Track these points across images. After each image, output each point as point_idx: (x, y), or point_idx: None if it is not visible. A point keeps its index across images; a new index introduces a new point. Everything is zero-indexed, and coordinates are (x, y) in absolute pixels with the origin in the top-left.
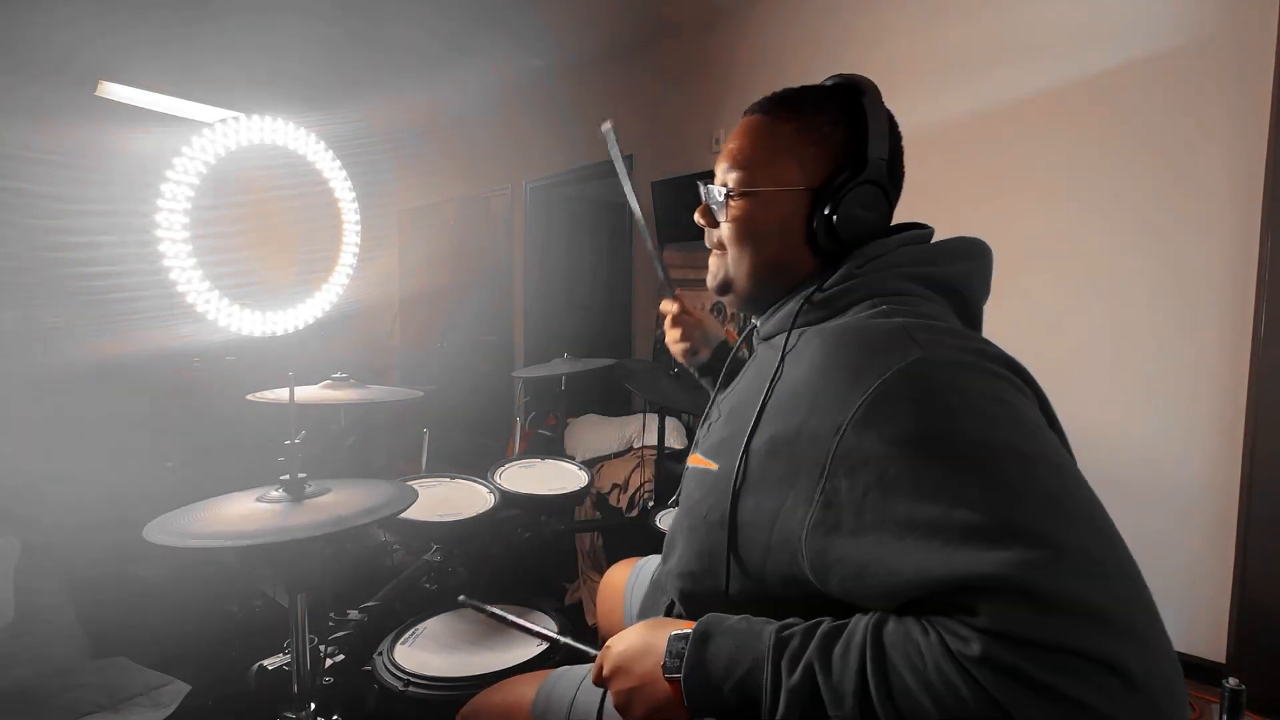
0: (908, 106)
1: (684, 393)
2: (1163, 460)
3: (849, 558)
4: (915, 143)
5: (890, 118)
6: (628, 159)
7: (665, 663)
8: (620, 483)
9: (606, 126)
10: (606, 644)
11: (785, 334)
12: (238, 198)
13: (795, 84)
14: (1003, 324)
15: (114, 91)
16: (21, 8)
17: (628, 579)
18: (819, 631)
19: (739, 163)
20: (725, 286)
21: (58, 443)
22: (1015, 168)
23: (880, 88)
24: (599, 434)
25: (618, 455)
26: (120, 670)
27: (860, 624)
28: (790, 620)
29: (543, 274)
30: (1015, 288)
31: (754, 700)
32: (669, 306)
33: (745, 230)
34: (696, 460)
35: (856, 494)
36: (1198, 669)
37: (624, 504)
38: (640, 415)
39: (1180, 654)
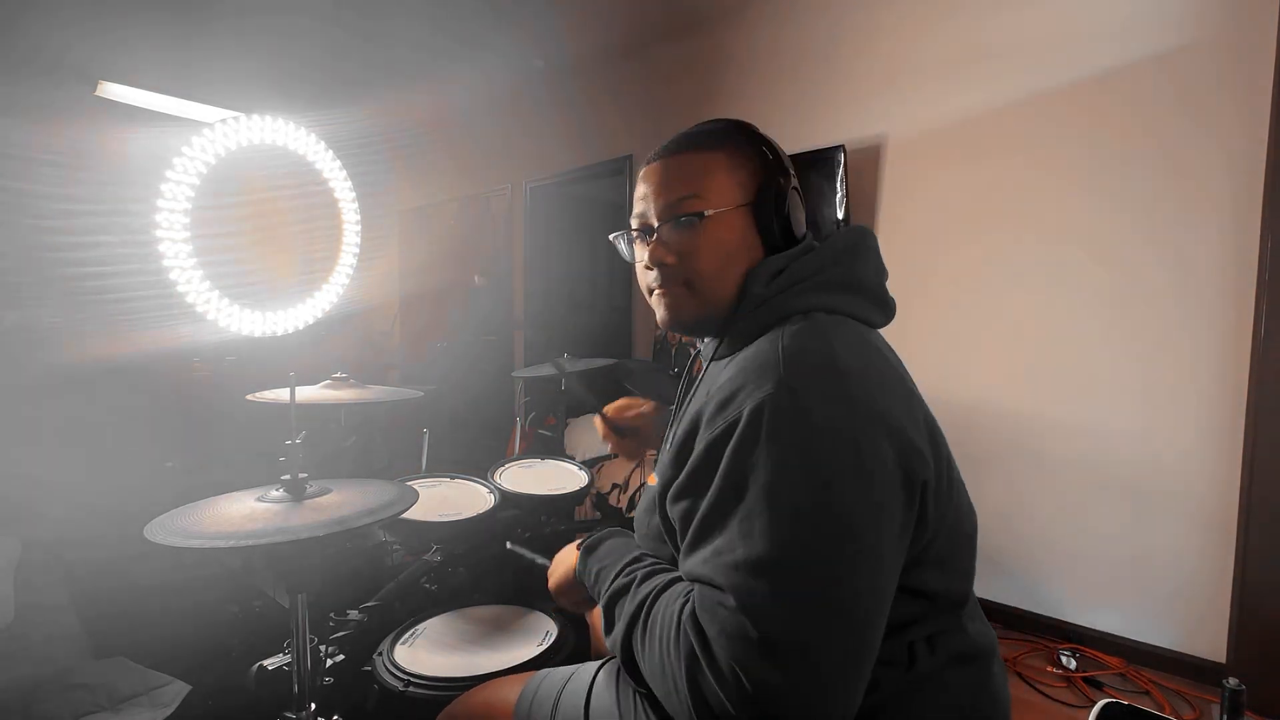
0: (905, 106)
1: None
2: (1163, 460)
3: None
4: (914, 142)
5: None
6: (628, 159)
7: (584, 541)
8: (620, 483)
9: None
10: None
11: (716, 356)
12: (238, 198)
13: (790, 85)
14: (1003, 324)
15: (114, 91)
16: (21, 8)
17: None
18: (657, 564)
19: (688, 193)
20: (697, 320)
21: (58, 443)
22: (1015, 167)
23: (879, 86)
24: (599, 434)
25: (618, 455)
26: (120, 670)
27: (673, 573)
28: (658, 559)
29: (543, 274)
30: (1015, 287)
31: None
32: (598, 424)
33: (722, 251)
34: (650, 479)
35: (694, 486)
36: (1198, 669)
37: (624, 504)
38: None
39: (1180, 654)
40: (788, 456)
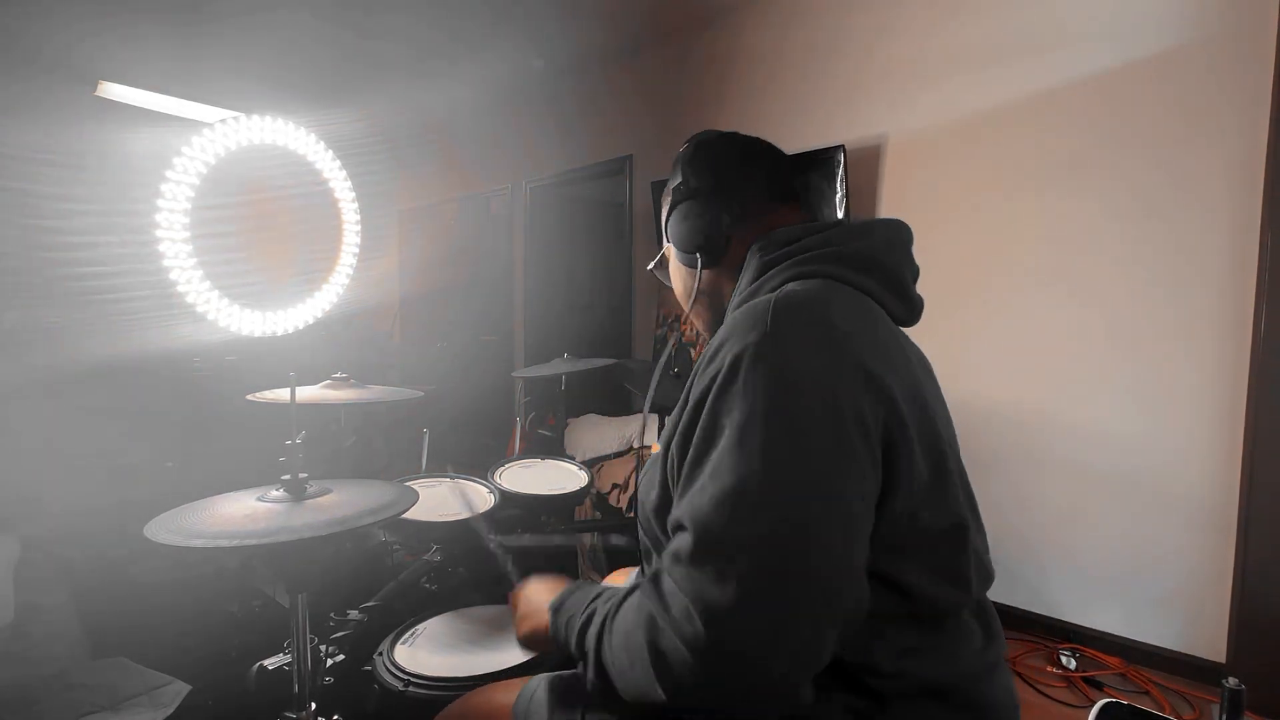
0: (906, 106)
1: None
2: (1163, 461)
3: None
4: (914, 142)
5: (705, 141)
6: (628, 159)
7: (550, 600)
8: (620, 483)
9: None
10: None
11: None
12: (238, 198)
13: (790, 85)
14: (1003, 324)
15: (114, 91)
16: (21, 8)
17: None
18: (620, 592)
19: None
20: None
21: (58, 442)
22: (1014, 168)
23: (879, 87)
24: (599, 434)
25: (618, 455)
26: (120, 670)
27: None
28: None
29: (543, 274)
30: (1015, 288)
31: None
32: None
33: (674, 280)
34: (654, 447)
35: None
36: (1198, 669)
37: (624, 504)
38: (640, 415)
39: (1180, 654)
40: (759, 399)
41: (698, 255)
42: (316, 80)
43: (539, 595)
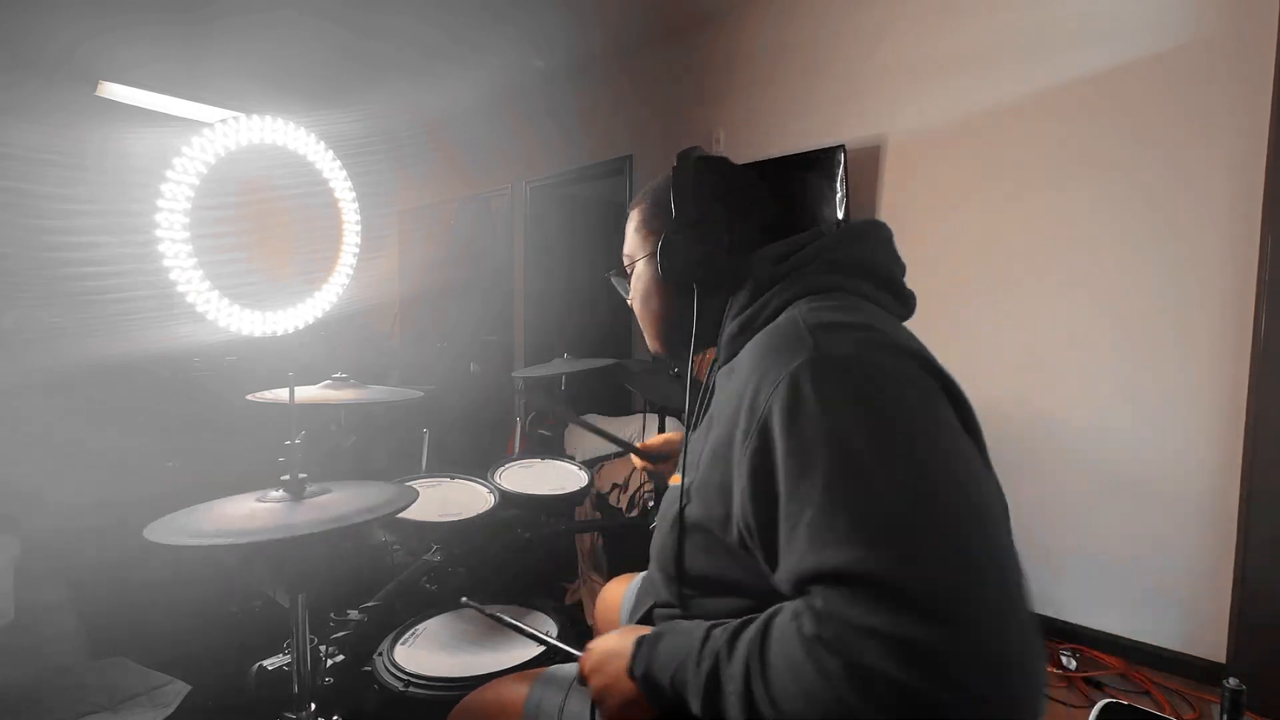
0: (906, 105)
1: (684, 393)
2: (1163, 461)
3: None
4: (914, 142)
5: (700, 161)
6: (628, 159)
7: (628, 664)
8: (620, 483)
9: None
10: (588, 646)
11: (726, 358)
12: (238, 198)
13: (790, 85)
14: (1003, 324)
15: (114, 91)
16: (21, 8)
17: (624, 593)
18: (738, 623)
19: (624, 256)
20: (657, 349)
21: (58, 443)
22: (1015, 168)
23: (879, 86)
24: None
25: (618, 455)
26: (120, 670)
27: (764, 614)
28: (728, 620)
29: (543, 274)
30: (1016, 288)
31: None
32: (638, 462)
33: (638, 305)
34: (674, 479)
35: (763, 493)
36: (1198, 669)
37: (624, 504)
38: (640, 415)
39: (1180, 654)
40: (850, 412)
41: (694, 285)
42: (316, 80)
43: (612, 660)
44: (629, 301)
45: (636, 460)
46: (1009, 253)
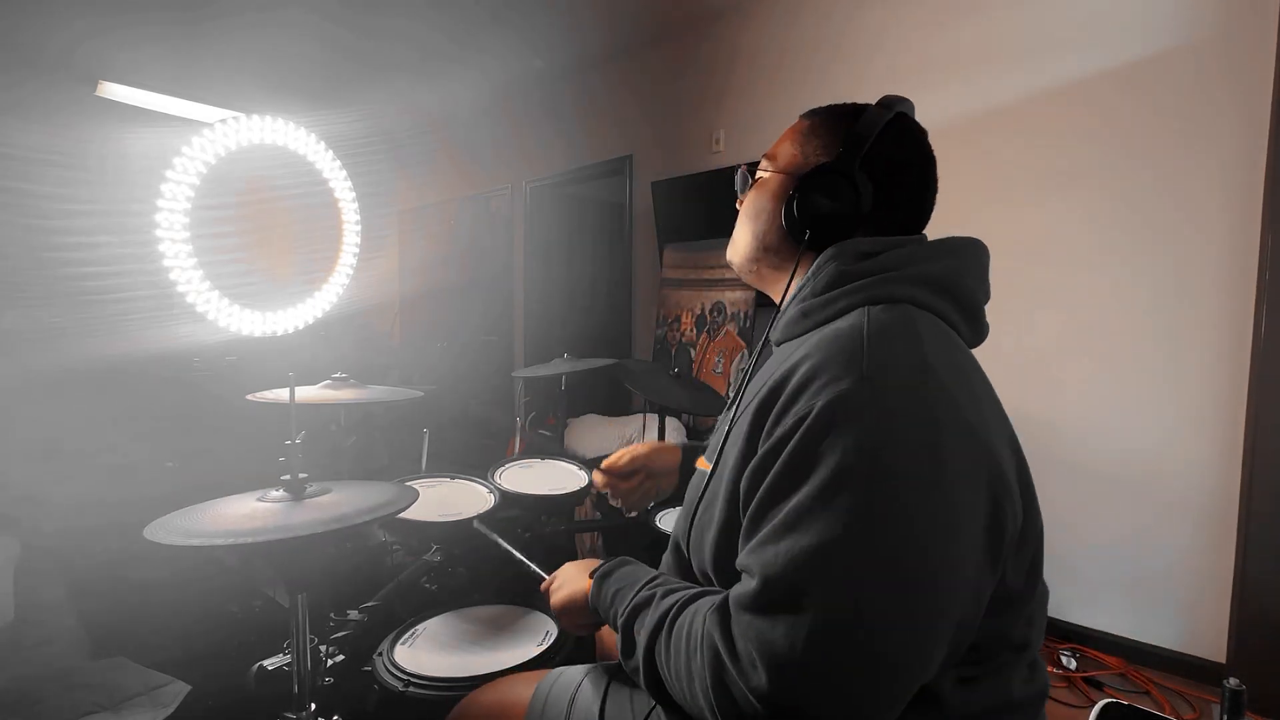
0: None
1: (684, 392)
2: (1163, 461)
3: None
4: None
5: (904, 130)
6: (628, 159)
7: (593, 570)
8: None
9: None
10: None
11: (780, 340)
12: (238, 198)
13: (794, 84)
14: (1004, 325)
15: (114, 91)
16: (21, 8)
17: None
18: (680, 585)
19: (767, 153)
20: (732, 257)
21: (58, 443)
22: (1015, 168)
23: (878, 90)
24: (599, 434)
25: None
26: (120, 670)
27: (697, 589)
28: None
29: (543, 274)
30: (1016, 289)
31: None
32: (598, 479)
33: (747, 210)
34: (700, 464)
35: (764, 471)
36: (1198, 669)
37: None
38: (640, 415)
39: (1180, 654)
40: (854, 457)
41: (806, 233)
42: (316, 80)
43: (579, 567)
44: (738, 201)
45: (597, 477)
46: (1009, 253)
